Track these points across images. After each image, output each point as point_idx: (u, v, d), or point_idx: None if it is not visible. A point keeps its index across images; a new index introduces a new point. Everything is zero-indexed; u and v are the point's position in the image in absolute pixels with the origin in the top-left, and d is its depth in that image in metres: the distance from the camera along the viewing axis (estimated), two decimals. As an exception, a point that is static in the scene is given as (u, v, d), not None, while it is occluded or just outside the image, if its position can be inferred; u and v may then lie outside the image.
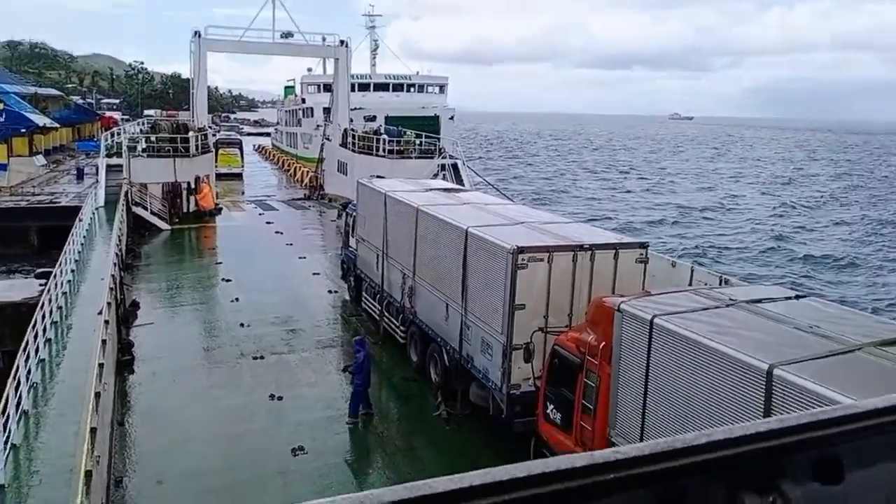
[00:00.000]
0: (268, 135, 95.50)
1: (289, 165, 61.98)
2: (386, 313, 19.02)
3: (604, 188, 71.01)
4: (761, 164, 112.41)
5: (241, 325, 19.83)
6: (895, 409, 0.95)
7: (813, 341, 8.48)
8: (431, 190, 20.19)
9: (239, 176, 53.97)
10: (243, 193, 47.42)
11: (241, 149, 57.28)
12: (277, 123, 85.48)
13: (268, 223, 35.63)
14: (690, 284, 14.61)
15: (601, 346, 10.29)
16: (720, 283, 14.26)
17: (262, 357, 17.64)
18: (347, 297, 22.77)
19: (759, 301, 10.10)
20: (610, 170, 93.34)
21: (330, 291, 23.78)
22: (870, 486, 0.94)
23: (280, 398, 15.27)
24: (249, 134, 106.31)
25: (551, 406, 11.28)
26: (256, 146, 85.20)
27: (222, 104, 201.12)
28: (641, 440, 9.51)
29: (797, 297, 10.73)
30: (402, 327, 17.85)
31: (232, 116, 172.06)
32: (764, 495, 0.87)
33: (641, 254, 13.45)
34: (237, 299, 22.15)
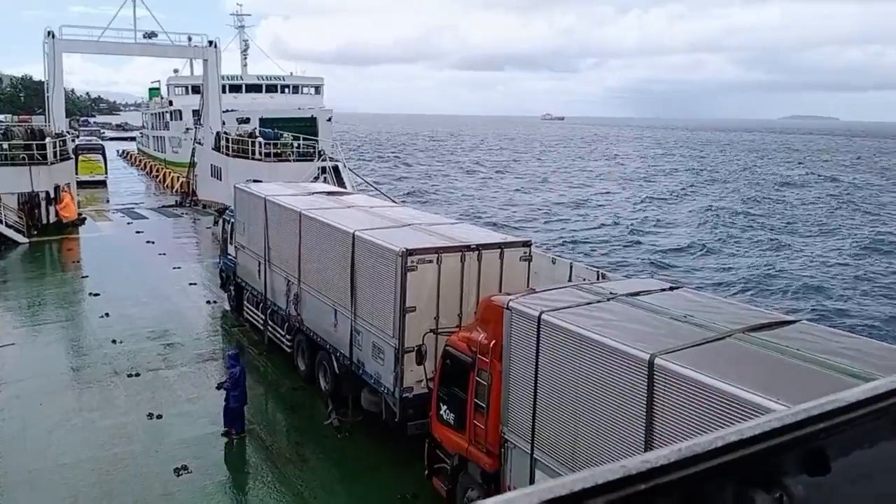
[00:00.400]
0: (133, 139, 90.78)
1: (157, 171, 59.13)
2: (270, 322, 18.50)
3: (480, 187, 72.42)
4: (621, 161, 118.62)
5: (113, 341, 18.72)
6: (871, 400, 0.99)
7: (688, 330, 8.96)
8: (314, 193, 19.83)
9: (103, 183, 51.14)
10: (108, 202, 44.86)
11: (103, 154, 54.28)
12: (143, 127, 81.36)
13: (137, 232, 33.82)
14: (570, 280, 15.11)
15: (491, 345, 10.45)
16: (598, 278, 14.83)
17: (137, 374, 16.71)
18: (227, 308, 21.99)
19: (637, 294, 10.57)
20: (486, 169, 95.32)
21: (209, 302, 22.89)
22: (856, 474, 0.98)
23: (159, 416, 14.51)
24: (113, 139, 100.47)
25: (444, 407, 11.34)
26: (121, 151, 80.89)
27: (80, 108, 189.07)
28: (533, 436, 9.78)
29: (671, 288, 11.33)
30: (288, 336, 17.42)
31: (92, 120, 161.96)
32: (771, 491, 0.89)
33: (525, 252, 13.79)
34: (107, 314, 20.88)
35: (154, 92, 72.83)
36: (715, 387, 7.23)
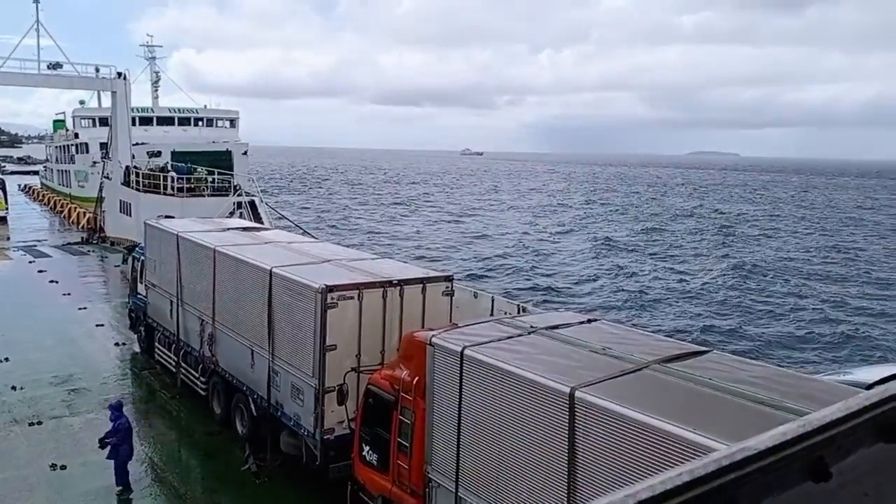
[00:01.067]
0: (36, 173, 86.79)
1: (62, 206, 56.58)
2: (183, 364, 17.79)
3: (399, 221, 72.53)
4: (532, 194, 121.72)
5: (13, 387, 17.63)
6: (780, 447, 1.02)
7: (606, 362, 9.14)
8: (229, 229, 19.35)
9: (2, 220, 48.51)
10: (9, 239, 42.55)
11: (3, 189, 51.62)
12: (47, 160, 77.87)
13: (40, 271, 32.08)
14: (492, 313, 15.20)
15: (414, 382, 10.35)
16: (518, 311, 14.97)
17: (39, 422, 15.73)
18: (137, 350, 21.07)
19: (556, 327, 10.73)
20: (405, 203, 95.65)
21: (117, 344, 21.86)
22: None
23: (63, 467, 13.66)
24: (14, 172, 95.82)
25: (367, 448, 11.12)
26: (23, 186, 77.18)
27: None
28: (457, 474, 9.69)
29: (588, 321, 11.56)
30: (202, 378, 16.77)
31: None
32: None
33: (447, 286, 13.80)
34: (6, 359, 19.65)
35: (59, 124, 69.95)
36: (634, 418, 7.36)
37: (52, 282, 29.92)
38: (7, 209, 50.58)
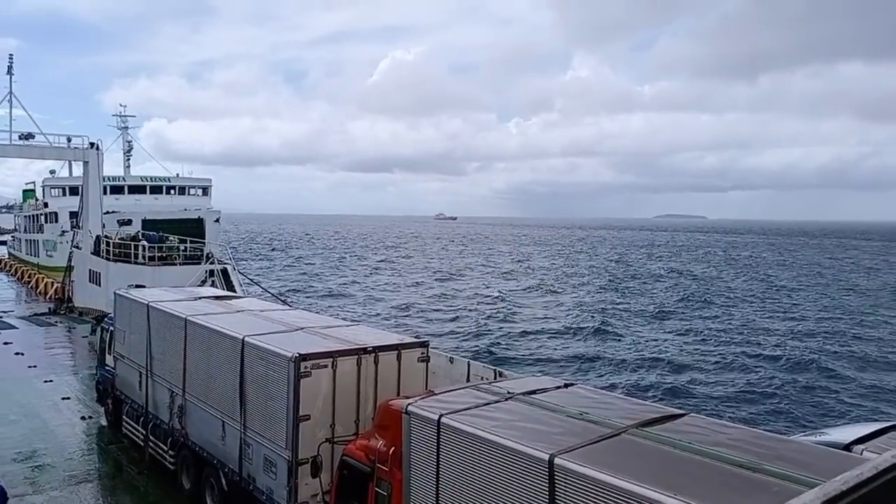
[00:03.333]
0: (3, 243, 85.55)
1: (30, 276, 55.67)
2: (152, 437, 17.28)
3: (373, 286, 72.33)
4: (501, 257, 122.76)
5: None
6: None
7: (584, 427, 9.08)
8: (201, 298, 19.13)
9: None
10: (-28, 310, 41.56)
11: None
12: (15, 230, 76.95)
13: (5, 343, 31.28)
14: (468, 379, 15.10)
15: (391, 452, 10.16)
16: (495, 377, 14.88)
17: None
18: (104, 423, 20.47)
19: (534, 392, 10.67)
20: (377, 267, 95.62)
21: (83, 418, 21.23)
22: None
23: (24, 550, 13.07)
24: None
25: (343, 521, 10.81)
26: (-11, 256, 75.97)
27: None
28: (436, 545, 9.43)
29: (565, 385, 11.52)
30: (171, 452, 16.28)
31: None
32: None
33: (423, 352, 13.71)
34: (-33, 435, 18.95)
35: (28, 193, 69.46)
36: (614, 485, 7.29)
37: (17, 353, 29.18)
38: None
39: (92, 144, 41.56)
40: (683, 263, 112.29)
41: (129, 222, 44.06)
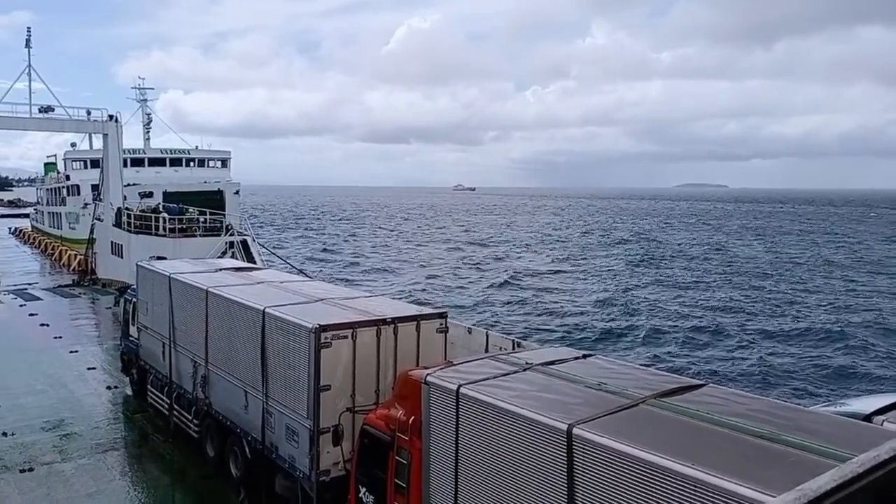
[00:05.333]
0: (26, 216, 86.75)
1: (53, 248, 56.45)
2: (176, 406, 17.60)
3: (392, 258, 72.54)
4: (525, 227, 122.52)
5: (4, 433, 17.40)
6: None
7: (602, 398, 9.11)
8: (221, 270, 19.30)
9: None
10: (-1, 283, 42.30)
11: None
12: (37, 203, 77.93)
13: (31, 315, 31.86)
14: (487, 349, 15.17)
15: (410, 421, 10.28)
16: (514, 347, 14.95)
17: (30, 469, 15.48)
18: (130, 393, 20.87)
19: (552, 363, 10.71)
20: (396, 239, 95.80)
21: (109, 387, 21.64)
22: None
23: (54, 515, 13.44)
24: (4, 216, 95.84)
25: (363, 489, 10.98)
26: (13, 229, 77.10)
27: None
28: (456, 514, 9.58)
29: (584, 356, 11.55)
30: (195, 420, 16.58)
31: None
32: None
33: (441, 323, 13.78)
34: (-4, 405, 19.44)
35: (50, 167, 70.16)
36: (632, 454, 7.33)
37: (43, 325, 29.71)
38: None
39: (111, 117, 41.82)
40: (705, 234, 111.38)
41: (150, 195, 44.43)
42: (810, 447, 6.98)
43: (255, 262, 31.55)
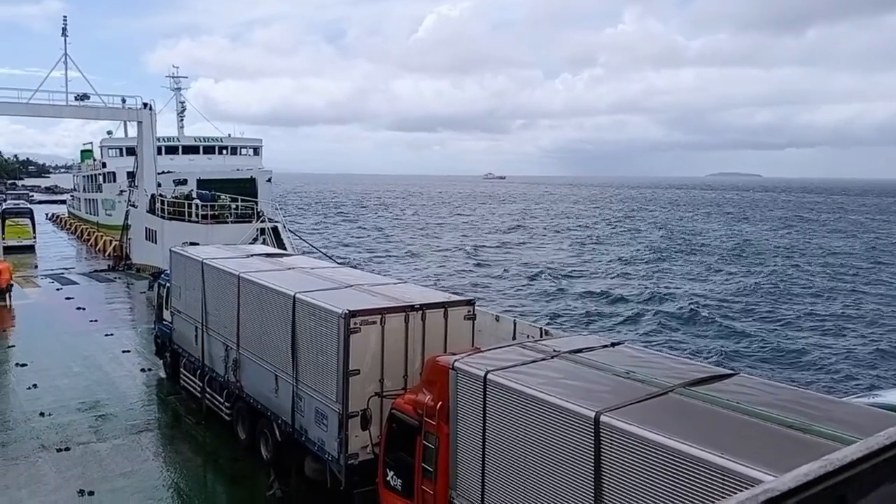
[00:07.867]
0: (63, 202, 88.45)
1: (89, 234, 57.54)
2: (208, 389, 17.91)
3: (421, 246, 72.70)
4: (556, 216, 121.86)
5: (41, 414, 17.83)
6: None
7: (630, 386, 9.08)
8: (252, 256, 19.54)
9: (31, 248, 49.39)
10: (37, 267, 43.27)
11: (31, 218, 52.58)
12: (74, 190, 79.46)
13: (67, 298, 32.58)
14: (514, 337, 15.17)
15: (438, 406, 10.34)
16: (541, 335, 14.93)
17: (67, 448, 15.88)
18: (163, 375, 21.25)
19: (580, 351, 10.69)
20: (426, 226, 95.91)
21: (143, 370, 22.07)
22: None
23: (91, 493, 13.73)
24: (41, 202, 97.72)
25: (391, 473, 11.10)
26: (50, 215, 78.64)
27: (8, 171, 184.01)
28: (482, 499, 9.64)
29: (612, 344, 11.50)
30: (227, 403, 16.87)
31: (20, 183, 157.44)
32: None
33: (469, 310, 13.81)
34: (35, 385, 19.92)
35: (86, 154, 71.43)
36: (660, 443, 7.30)
37: (79, 308, 30.35)
38: (35, 238, 51.50)
39: (145, 105, 42.38)
40: (738, 222, 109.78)
41: (184, 182, 45.04)
42: (842, 438, 6.89)
43: (285, 249, 31.86)
